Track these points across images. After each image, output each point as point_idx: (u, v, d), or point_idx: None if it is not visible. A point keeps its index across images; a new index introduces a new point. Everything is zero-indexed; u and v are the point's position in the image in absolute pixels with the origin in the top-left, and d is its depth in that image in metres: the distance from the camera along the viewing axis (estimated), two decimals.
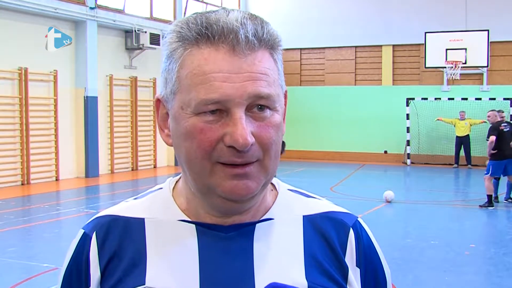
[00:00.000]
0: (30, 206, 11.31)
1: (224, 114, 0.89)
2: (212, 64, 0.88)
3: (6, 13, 13.00)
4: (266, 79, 0.90)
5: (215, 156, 0.89)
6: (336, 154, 19.95)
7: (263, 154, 0.91)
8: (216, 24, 0.89)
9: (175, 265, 0.97)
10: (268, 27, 0.93)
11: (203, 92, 0.88)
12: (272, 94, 0.90)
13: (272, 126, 0.91)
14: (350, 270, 1.02)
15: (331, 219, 1.05)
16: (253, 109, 0.90)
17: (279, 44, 0.95)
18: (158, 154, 17.42)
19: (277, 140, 0.92)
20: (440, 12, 18.37)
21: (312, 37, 20.11)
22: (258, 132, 0.90)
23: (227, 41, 0.88)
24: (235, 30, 0.88)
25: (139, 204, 1.05)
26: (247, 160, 0.89)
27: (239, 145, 0.87)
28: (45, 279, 6.03)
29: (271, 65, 0.92)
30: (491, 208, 10.20)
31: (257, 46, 0.90)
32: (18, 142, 13.53)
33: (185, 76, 0.90)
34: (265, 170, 0.92)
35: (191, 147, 0.90)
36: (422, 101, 18.66)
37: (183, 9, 18.15)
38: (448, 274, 6.52)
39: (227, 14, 0.90)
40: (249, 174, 0.90)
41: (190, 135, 0.90)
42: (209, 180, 0.91)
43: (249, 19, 0.90)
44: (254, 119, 0.90)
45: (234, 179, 0.90)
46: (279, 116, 0.93)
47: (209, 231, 0.98)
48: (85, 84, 14.74)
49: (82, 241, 1.03)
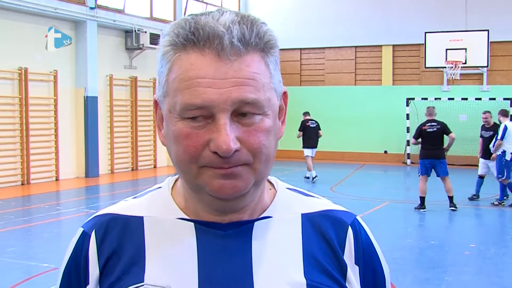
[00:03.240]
0: (30, 206, 11.31)
1: (210, 120, 0.89)
2: (197, 69, 0.88)
3: (6, 13, 13.00)
4: (253, 84, 0.89)
5: (202, 161, 0.90)
6: (336, 154, 19.94)
7: (252, 158, 0.91)
8: (202, 29, 0.88)
9: (174, 263, 0.97)
10: (261, 29, 0.92)
11: (187, 97, 0.88)
12: (260, 99, 0.89)
13: (262, 131, 0.91)
14: (349, 268, 1.03)
15: (329, 218, 1.05)
16: (240, 114, 0.89)
17: (272, 46, 0.93)
18: (158, 154, 17.42)
19: (268, 144, 0.92)
20: (440, 12, 18.37)
21: (312, 37, 20.12)
22: (245, 137, 0.89)
23: (213, 46, 0.88)
24: (220, 35, 0.88)
25: (138, 203, 1.06)
26: (233, 165, 0.90)
27: (222, 151, 0.87)
28: (45, 279, 6.03)
29: (260, 69, 0.91)
30: (423, 210, 10.12)
31: (243, 51, 0.89)
32: (18, 142, 13.53)
33: (173, 80, 0.91)
34: (254, 172, 0.92)
35: (178, 151, 0.92)
36: (422, 101, 18.64)
37: (183, 9, 18.15)
38: (448, 274, 6.52)
39: (218, 17, 0.90)
40: (236, 173, 0.90)
41: (177, 140, 0.91)
42: (197, 181, 0.92)
43: (239, 22, 0.89)
44: (242, 125, 0.90)
45: (222, 178, 0.90)
46: (270, 120, 0.92)
47: (208, 229, 0.98)
48: (85, 84, 14.75)
49: (81, 239, 1.03)
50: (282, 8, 20.45)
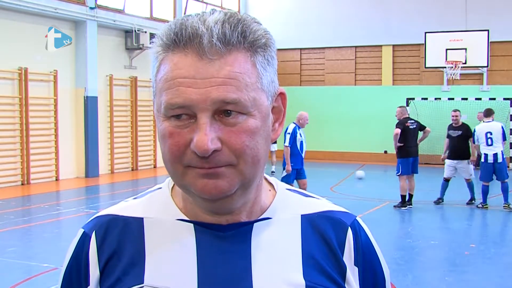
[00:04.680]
0: (30, 206, 11.31)
1: (193, 119, 0.89)
2: (179, 69, 0.89)
3: (6, 13, 13.00)
4: (234, 84, 0.88)
5: (185, 161, 0.90)
6: (336, 154, 19.94)
7: (236, 159, 0.90)
8: (185, 29, 0.89)
9: (173, 264, 0.97)
10: (248, 28, 0.91)
11: (170, 97, 0.89)
12: (242, 99, 0.88)
13: (245, 131, 0.90)
14: (348, 269, 1.03)
15: (329, 218, 1.05)
16: (222, 114, 0.89)
17: (261, 46, 0.92)
18: (158, 154, 17.39)
19: (253, 145, 0.91)
20: (440, 12, 18.37)
21: (312, 37, 20.11)
22: (227, 137, 0.89)
23: (193, 47, 0.89)
24: (199, 35, 0.88)
25: (138, 203, 1.06)
26: (214, 166, 0.89)
27: (199, 151, 0.87)
28: (45, 279, 6.03)
29: (244, 69, 0.90)
30: (404, 208, 10.13)
31: (224, 51, 0.88)
32: (18, 142, 13.53)
33: (159, 80, 0.93)
34: (240, 173, 0.91)
35: (164, 150, 0.93)
36: (422, 101, 18.65)
37: (183, 9, 18.15)
38: (448, 274, 6.52)
39: (205, 17, 0.90)
40: (219, 173, 0.90)
41: (162, 139, 0.92)
42: (182, 181, 0.93)
43: (223, 22, 0.89)
44: (225, 124, 0.89)
45: (205, 178, 0.90)
46: (256, 121, 0.91)
47: (207, 230, 0.98)
48: (85, 84, 14.75)
49: (81, 240, 1.03)
50: (282, 8, 20.44)
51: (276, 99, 0.98)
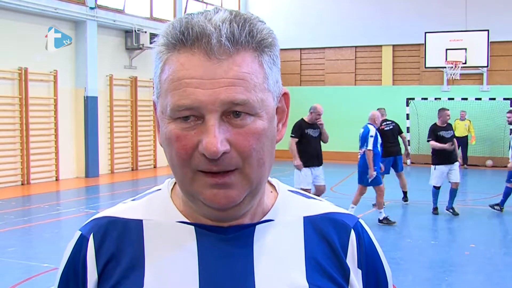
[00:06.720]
0: (30, 206, 11.31)
1: (201, 120, 0.87)
2: (186, 69, 0.87)
3: (6, 13, 13.00)
4: (243, 84, 0.86)
5: (194, 164, 0.88)
6: (336, 154, 19.93)
7: (242, 162, 0.88)
8: (192, 28, 0.87)
9: (174, 268, 0.95)
10: (254, 27, 0.89)
11: (177, 98, 0.87)
12: (250, 100, 0.87)
13: (253, 133, 0.88)
14: (352, 271, 1.01)
15: (332, 220, 1.04)
16: (230, 115, 0.87)
17: (267, 45, 0.91)
18: (158, 154, 17.40)
19: (259, 148, 0.89)
20: (440, 12, 18.36)
21: (312, 37, 20.11)
22: (235, 139, 0.87)
23: (201, 46, 0.86)
24: (208, 34, 0.86)
25: (137, 205, 1.04)
26: (224, 168, 0.87)
27: (209, 153, 0.85)
28: (45, 279, 6.03)
29: (252, 69, 0.88)
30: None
31: (233, 50, 0.86)
32: (18, 142, 13.53)
33: (164, 80, 0.90)
34: (247, 179, 0.89)
35: (171, 154, 0.90)
36: (422, 101, 18.65)
37: (183, 9, 18.14)
38: (448, 274, 6.52)
39: (211, 16, 0.88)
40: (229, 183, 0.88)
41: (169, 142, 0.90)
42: (191, 187, 0.90)
43: (230, 21, 0.87)
44: (232, 126, 0.87)
45: (214, 188, 0.88)
46: (264, 122, 0.89)
47: (208, 233, 0.96)
48: (85, 84, 14.74)
49: (79, 243, 1.01)
50: (282, 8, 20.44)
51: (280, 100, 0.97)
